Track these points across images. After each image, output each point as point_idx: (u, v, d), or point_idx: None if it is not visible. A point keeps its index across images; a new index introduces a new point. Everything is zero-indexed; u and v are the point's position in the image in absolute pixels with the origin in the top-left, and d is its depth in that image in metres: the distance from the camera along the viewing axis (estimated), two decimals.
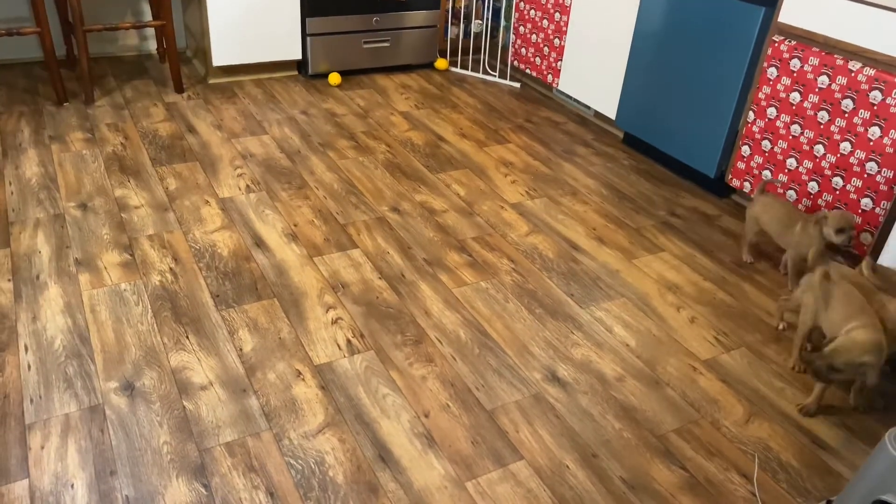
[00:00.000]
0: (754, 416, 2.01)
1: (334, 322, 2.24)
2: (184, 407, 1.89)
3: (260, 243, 2.60)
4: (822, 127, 2.65)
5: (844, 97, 2.55)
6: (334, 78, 4.07)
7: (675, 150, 3.30)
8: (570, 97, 4.06)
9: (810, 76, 2.65)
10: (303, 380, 2.01)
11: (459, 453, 1.83)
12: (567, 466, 1.82)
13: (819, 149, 2.67)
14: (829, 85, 2.59)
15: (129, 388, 1.93)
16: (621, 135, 3.71)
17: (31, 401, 1.87)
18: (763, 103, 2.86)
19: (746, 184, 3.00)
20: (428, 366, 2.10)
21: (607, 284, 2.53)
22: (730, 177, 3.08)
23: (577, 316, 2.36)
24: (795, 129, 2.75)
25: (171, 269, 2.42)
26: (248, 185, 2.97)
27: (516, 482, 1.76)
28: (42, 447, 1.74)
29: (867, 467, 1.47)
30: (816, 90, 2.64)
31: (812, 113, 2.67)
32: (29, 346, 2.04)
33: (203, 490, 1.67)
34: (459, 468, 1.79)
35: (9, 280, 2.29)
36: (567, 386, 2.07)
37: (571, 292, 2.48)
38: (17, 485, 1.65)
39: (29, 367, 1.97)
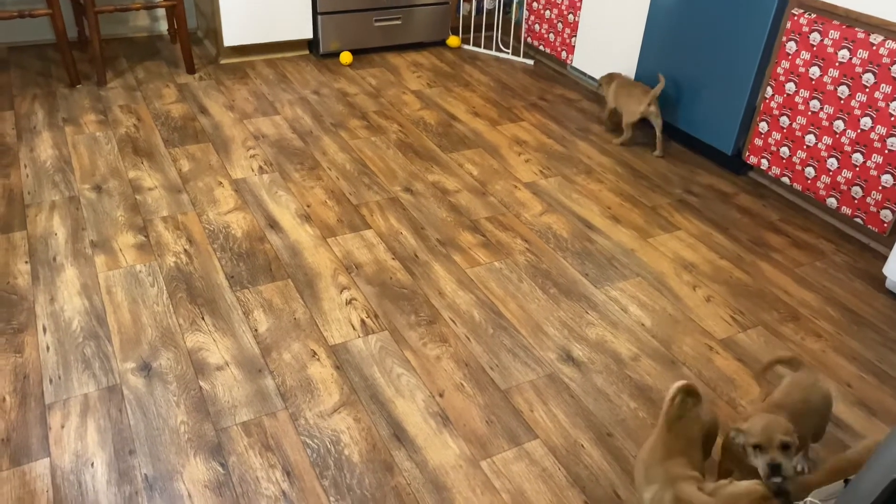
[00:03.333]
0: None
1: (348, 303, 2.24)
2: (200, 387, 1.91)
3: (273, 224, 2.60)
4: (842, 102, 2.60)
5: (865, 71, 2.50)
6: (345, 57, 4.04)
7: (691, 126, 3.26)
8: (585, 74, 4.01)
9: (830, 50, 2.60)
10: (318, 360, 2.02)
11: (474, 432, 1.83)
12: (582, 446, 1.82)
13: (839, 124, 2.63)
14: (850, 59, 2.54)
15: (146, 369, 1.95)
16: None
17: (51, 381, 1.89)
18: (781, 78, 2.81)
19: (764, 161, 2.96)
20: (442, 346, 2.10)
21: (622, 264, 2.51)
22: (747, 154, 3.04)
23: (592, 296, 2.35)
24: (815, 104, 2.70)
25: (185, 250, 2.43)
26: (260, 166, 2.96)
27: (531, 461, 1.76)
28: (62, 426, 1.77)
29: (885, 445, 1.45)
30: (836, 64, 2.59)
31: (832, 88, 2.62)
32: (47, 328, 2.06)
33: (220, 469, 1.69)
34: (474, 447, 1.79)
35: (26, 262, 2.31)
36: (582, 366, 2.06)
37: (586, 272, 2.46)
38: (38, 463, 1.67)
39: (48, 348, 1.99)
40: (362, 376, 1.98)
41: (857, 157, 2.58)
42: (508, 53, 4.35)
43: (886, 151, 2.48)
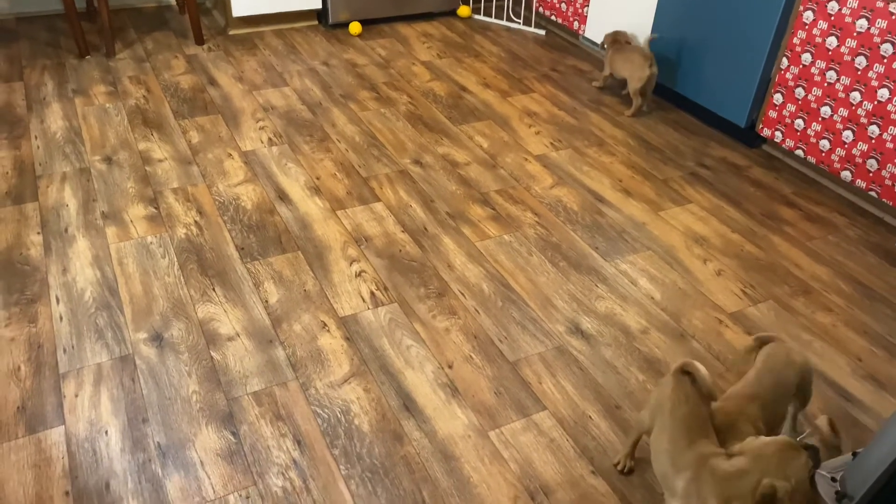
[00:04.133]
0: None
1: (358, 275, 2.25)
2: (211, 357, 1.93)
3: (283, 196, 2.60)
4: (859, 73, 2.55)
5: (884, 41, 2.45)
6: (355, 27, 4.00)
7: (704, 98, 3.21)
8: (597, 45, 3.95)
9: (848, 20, 2.54)
10: (328, 331, 2.03)
11: (483, 403, 1.84)
12: (590, 417, 1.82)
13: (855, 96, 2.58)
14: (868, 29, 2.49)
15: (157, 339, 1.97)
16: None
17: (64, 350, 1.91)
18: (797, 49, 2.76)
19: (778, 133, 2.92)
20: (451, 318, 2.11)
21: (633, 237, 2.50)
22: (760, 126, 3.00)
23: (602, 269, 2.34)
24: (831, 75, 2.65)
25: (195, 222, 2.44)
26: (270, 138, 2.96)
27: (539, 432, 1.78)
28: (76, 395, 1.79)
29: (895, 420, 1.45)
30: (854, 34, 2.54)
31: (849, 58, 2.58)
32: (60, 298, 2.08)
33: (232, 438, 1.71)
34: (483, 418, 1.80)
35: (38, 233, 2.33)
36: (590, 338, 2.07)
37: (596, 245, 2.45)
38: (53, 431, 1.70)
39: (61, 318, 2.01)
40: (372, 348, 1.99)
41: (874, 130, 2.54)
42: (520, 24, 4.30)
43: None
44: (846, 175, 2.68)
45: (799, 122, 2.82)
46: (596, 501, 1.63)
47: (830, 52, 2.64)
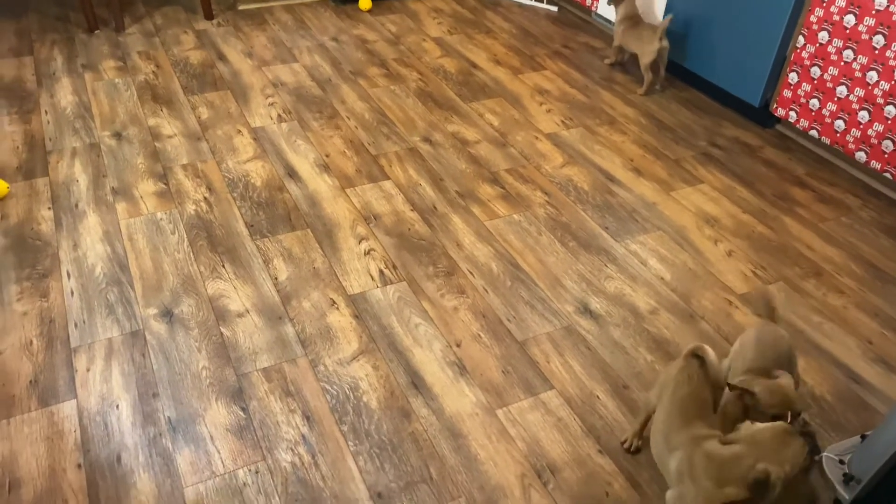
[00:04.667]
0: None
1: (367, 253, 2.25)
2: (221, 333, 1.94)
3: (292, 174, 2.59)
4: (876, 52, 2.51)
5: None
6: (365, 2, 3.96)
7: (718, 77, 3.17)
8: (610, 22, 3.90)
9: None
10: (337, 309, 2.04)
11: (490, 382, 1.85)
12: (597, 397, 1.83)
13: (872, 75, 2.54)
14: (888, 6, 2.44)
15: (168, 315, 1.98)
16: None
17: (76, 325, 1.93)
18: (814, 27, 2.71)
19: (792, 113, 2.88)
20: (460, 297, 2.11)
21: (643, 217, 2.49)
22: (775, 106, 2.96)
23: (612, 249, 2.33)
24: (848, 54, 2.61)
25: (205, 198, 2.44)
26: (279, 115, 2.94)
27: (546, 411, 1.78)
28: (88, 369, 1.81)
29: None
30: (873, 12, 2.49)
31: (867, 37, 2.53)
32: (71, 273, 2.09)
33: (241, 413, 1.73)
34: (490, 396, 1.81)
35: (49, 208, 2.34)
36: (599, 318, 2.06)
37: (606, 225, 2.44)
38: (65, 404, 1.72)
39: (72, 293, 2.03)
40: (381, 325, 1.99)
41: (890, 110, 2.51)
42: None
43: None
44: (861, 156, 2.65)
45: (814, 102, 2.78)
46: (602, 480, 1.63)
47: (848, 31, 2.59)
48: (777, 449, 1.27)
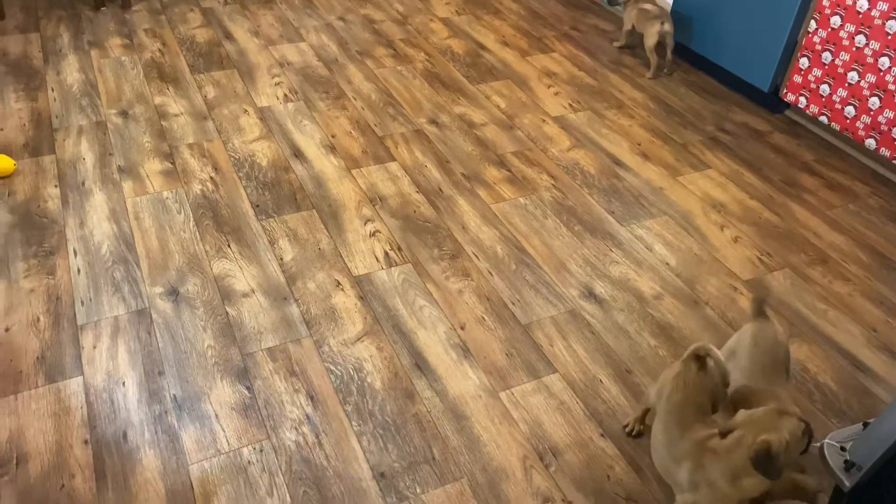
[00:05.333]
0: (794, 337, 1.99)
1: (372, 235, 2.25)
2: (226, 313, 1.95)
3: (298, 154, 2.59)
4: (889, 38, 2.48)
5: None
6: None
7: (727, 61, 3.14)
8: (619, 4, 3.86)
9: None
10: (342, 290, 2.05)
11: (494, 365, 1.86)
12: (601, 381, 1.83)
13: (884, 61, 2.51)
14: None
15: (173, 294, 1.99)
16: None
17: (82, 303, 1.94)
18: (827, 11, 2.68)
19: (802, 98, 2.86)
20: (464, 280, 2.11)
21: (650, 202, 2.48)
22: (784, 91, 2.93)
23: (617, 233, 2.33)
24: (860, 39, 2.58)
25: (211, 178, 2.44)
26: (285, 95, 2.93)
27: (549, 394, 1.79)
28: (94, 347, 1.82)
29: None
30: None
31: (880, 22, 2.50)
32: (78, 251, 2.10)
33: (246, 392, 1.74)
34: (494, 379, 1.82)
35: (55, 186, 2.34)
36: (604, 303, 2.07)
37: (612, 209, 2.43)
38: (72, 381, 1.73)
39: (78, 270, 2.04)
40: (385, 307, 2.00)
41: None
42: None
43: None
44: (870, 143, 2.63)
45: (824, 88, 2.75)
46: (604, 464, 1.64)
47: (861, 15, 2.56)
48: (774, 423, 1.29)
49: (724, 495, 1.33)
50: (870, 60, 2.56)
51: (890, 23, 2.46)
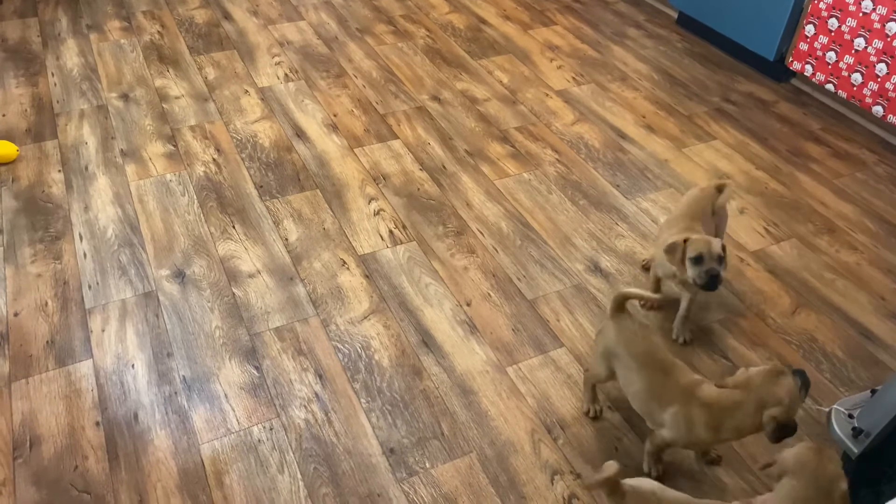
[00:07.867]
0: (801, 307, 1.99)
1: (376, 213, 2.25)
2: (233, 294, 1.95)
3: (300, 134, 2.58)
4: None
5: None
6: None
7: (732, 30, 3.10)
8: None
9: None
10: (347, 269, 2.05)
11: (500, 340, 1.86)
12: None
13: (892, 26, 2.48)
14: None
15: (180, 276, 2.00)
16: (675, 15, 3.49)
17: (90, 287, 1.95)
18: None
19: (808, 67, 2.82)
20: (469, 257, 2.11)
21: (655, 175, 2.46)
22: (790, 59, 2.90)
23: (623, 207, 2.32)
24: (867, 4, 2.54)
25: (214, 159, 2.43)
26: (286, 74, 2.91)
27: (556, 368, 1.80)
28: (103, 330, 1.83)
29: None
30: None
31: None
32: (83, 235, 2.11)
33: (255, 372, 1.75)
34: (501, 354, 1.82)
35: (59, 171, 2.34)
36: (609, 277, 2.06)
37: (617, 183, 2.42)
38: (82, 364, 1.75)
39: (85, 255, 2.04)
40: (391, 285, 2.00)
41: None
42: None
43: None
44: (878, 110, 2.60)
45: (831, 55, 2.72)
46: (612, 435, 1.65)
47: None
48: (771, 386, 1.34)
49: (701, 440, 1.43)
50: (877, 26, 2.52)
51: None
